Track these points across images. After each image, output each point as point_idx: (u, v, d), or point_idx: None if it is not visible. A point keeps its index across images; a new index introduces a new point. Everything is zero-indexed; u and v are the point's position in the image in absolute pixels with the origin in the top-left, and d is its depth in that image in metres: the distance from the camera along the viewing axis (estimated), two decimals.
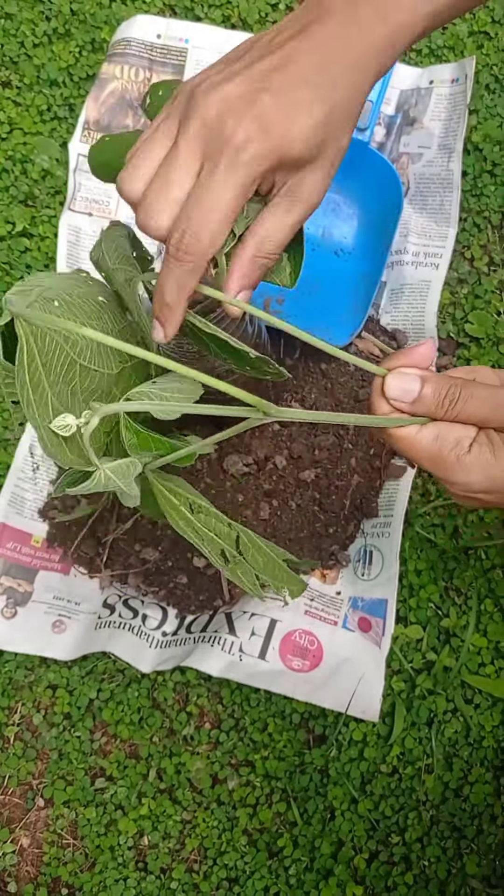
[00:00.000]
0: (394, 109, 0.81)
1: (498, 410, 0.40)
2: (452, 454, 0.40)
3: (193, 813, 0.72)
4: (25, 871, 0.72)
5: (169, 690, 0.73)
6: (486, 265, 0.80)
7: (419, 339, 0.77)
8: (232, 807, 0.72)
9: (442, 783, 0.71)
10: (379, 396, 0.41)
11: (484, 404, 0.40)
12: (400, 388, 0.40)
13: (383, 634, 0.70)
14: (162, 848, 0.71)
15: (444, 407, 0.40)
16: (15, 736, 0.74)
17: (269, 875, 0.70)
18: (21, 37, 0.84)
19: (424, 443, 0.41)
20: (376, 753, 0.71)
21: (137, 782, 0.72)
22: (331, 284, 0.80)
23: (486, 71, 0.82)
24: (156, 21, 0.80)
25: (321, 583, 0.75)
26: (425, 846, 0.70)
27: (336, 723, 0.71)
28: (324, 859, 0.70)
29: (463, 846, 0.70)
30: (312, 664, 0.70)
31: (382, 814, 0.71)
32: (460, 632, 0.72)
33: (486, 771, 0.71)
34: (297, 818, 0.71)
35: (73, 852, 0.72)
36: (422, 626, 0.72)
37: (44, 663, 0.74)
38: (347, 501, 0.74)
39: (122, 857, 0.71)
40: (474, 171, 0.81)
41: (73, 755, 0.73)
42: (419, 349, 0.41)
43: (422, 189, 0.79)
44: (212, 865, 0.71)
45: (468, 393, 0.40)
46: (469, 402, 0.40)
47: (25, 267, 0.81)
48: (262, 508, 0.74)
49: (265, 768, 0.71)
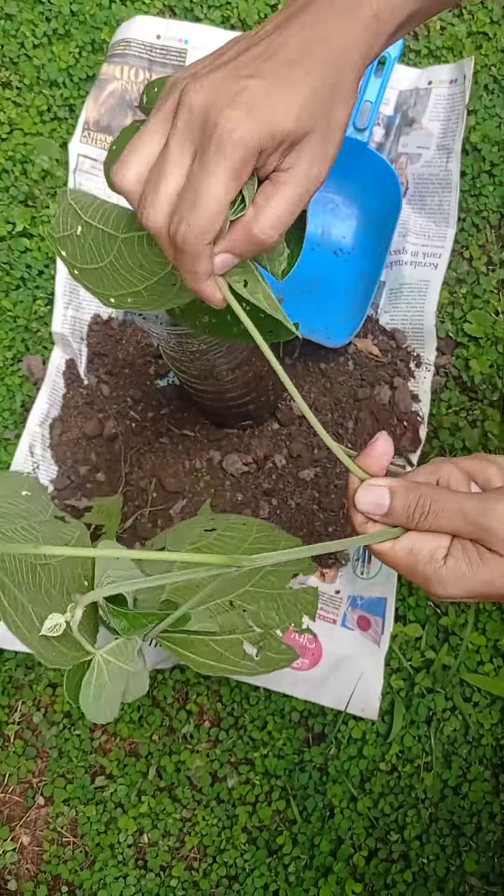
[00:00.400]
0: (392, 110, 0.81)
1: (469, 523, 0.39)
2: (429, 568, 0.40)
3: (193, 811, 0.72)
4: (25, 869, 0.72)
5: (168, 689, 0.74)
6: (485, 265, 0.80)
7: (418, 339, 0.77)
8: (231, 805, 0.72)
9: (441, 781, 0.71)
10: (354, 510, 0.42)
11: (455, 517, 0.39)
12: (371, 503, 0.41)
13: (382, 633, 0.70)
14: (162, 846, 0.72)
15: (415, 520, 0.40)
16: (15, 734, 0.74)
17: (269, 873, 0.70)
18: (21, 37, 0.84)
19: (400, 556, 0.40)
20: (375, 751, 0.71)
21: (137, 780, 0.73)
22: (330, 284, 0.81)
23: (484, 72, 0.82)
24: (155, 22, 0.81)
25: (320, 581, 0.75)
26: (424, 844, 0.70)
27: (335, 721, 0.71)
28: (323, 857, 0.70)
29: (462, 844, 0.70)
30: (312, 662, 0.70)
31: (381, 811, 0.71)
32: (459, 630, 0.72)
33: (484, 769, 0.71)
34: (296, 816, 0.71)
35: (73, 850, 0.72)
36: (421, 624, 0.73)
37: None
38: (347, 500, 0.75)
39: (121, 855, 0.72)
40: (473, 172, 0.81)
41: (73, 753, 0.73)
42: (377, 446, 0.41)
43: (420, 189, 0.79)
44: (211, 863, 0.71)
45: (438, 507, 0.40)
46: (440, 516, 0.40)
47: (25, 267, 0.81)
48: (262, 507, 0.74)
49: (264, 766, 0.72)
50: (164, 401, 0.79)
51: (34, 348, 0.81)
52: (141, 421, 0.78)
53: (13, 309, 0.81)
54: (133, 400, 0.79)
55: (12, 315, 0.81)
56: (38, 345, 0.81)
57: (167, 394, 0.79)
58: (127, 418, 0.78)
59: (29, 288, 0.81)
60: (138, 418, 0.78)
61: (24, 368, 0.80)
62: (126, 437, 0.78)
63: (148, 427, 0.78)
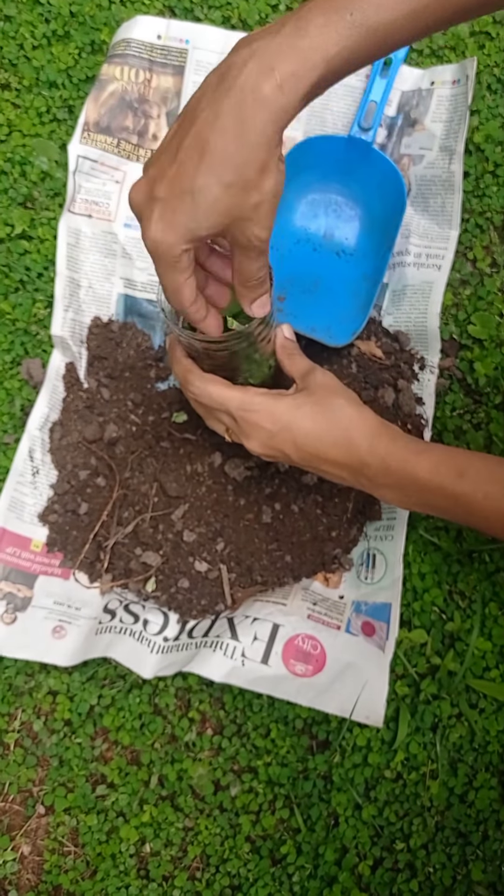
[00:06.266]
0: (395, 111, 0.80)
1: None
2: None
3: (195, 820, 0.71)
4: (26, 879, 0.71)
5: (170, 696, 0.73)
6: (489, 266, 0.79)
7: (422, 341, 0.77)
8: (234, 813, 0.71)
9: (447, 789, 0.70)
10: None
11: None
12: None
13: (387, 639, 0.69)
14: (164, 855, 0.71)
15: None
16: (15, 743, 0.73)
17: (273, 882, 0.70)
18: (20, 39, 0.84)
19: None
20: (380, 759, 0.70)
21: (139, 789, 0.72)
22: (332, 285, 0.80)
23: (487, 72, 0.82)
24: (156, 22, 0.80)
25: (324, 587, 0.74)
26: (430, 853, 0.69)
27: (339, 728, 0.70)
28: (328, 866, 0.69)
29: (468, 852, 0.69)
30: (315, 669, 0.69)
31: (387, 820, 0.70)
32: (465, 636, 0.71)
33: (491, 776, 0.70)
34: (300, 825, 0.70)
35: (74, 860, 0.71)
36: (426, 630, 0.72)
37: (44, 669, 0.74)
38: (350, 504, 0.74)
39: (123, 865, 0.71)
40: (476, 172, 0.80)
41: (74, 762, 0.72)
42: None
43: (423, 191, 0.78)
44: (214, 873, 0.70)
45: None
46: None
47: (24, 269, 0.80)
48: (265, 512, 0.74)
49: (268, 774, 0.71)
50: (164, 404, 0.78)
51: (33, 351, 0.80)
52: (141, 425, 0.77)
53: (12, 312, 0.80)
54: (133, 403, 0.78)
55: (11, 318, 0.80)
56: (37, 348, 0.80)
57: (168, 397, 0.78)
58: (127, 422, 0.77)
59: (28, 290, 0.81)
60: (139, 422, 0.78)
61: (23, 372, 0.79)
62: (126, 440, 0.77)
63: (149, 431, 0.77)
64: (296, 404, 0.58)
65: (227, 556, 0.74)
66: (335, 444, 0.58)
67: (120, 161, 0.80)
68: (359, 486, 0.61)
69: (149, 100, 0.81)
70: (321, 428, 0.58)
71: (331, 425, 0.58)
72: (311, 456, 0.59)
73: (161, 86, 0.81)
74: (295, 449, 0.58)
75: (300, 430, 0.58)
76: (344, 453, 0.58)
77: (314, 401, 0.58)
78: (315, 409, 0.58)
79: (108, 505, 0.75)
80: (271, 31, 0.43)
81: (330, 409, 0.58)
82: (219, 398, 0.59)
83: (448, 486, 0.55)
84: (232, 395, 0.59)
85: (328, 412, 0.58)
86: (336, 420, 0.58)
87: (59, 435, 0.77)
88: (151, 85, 0.80)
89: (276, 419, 0.58)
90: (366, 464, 0.58)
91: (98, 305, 0.80)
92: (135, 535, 0.74)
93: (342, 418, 0.58)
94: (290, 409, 0.58)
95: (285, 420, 0.58)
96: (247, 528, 0.74)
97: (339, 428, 0.58)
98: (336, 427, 0.58)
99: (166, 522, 0.74)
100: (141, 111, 0.81)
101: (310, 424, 0.58)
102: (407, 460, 0.57)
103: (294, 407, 0.58)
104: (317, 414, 0.58)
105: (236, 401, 0.58)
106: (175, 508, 0.74)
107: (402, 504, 0.62)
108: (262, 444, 0.59)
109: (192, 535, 0.74)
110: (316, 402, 0.58)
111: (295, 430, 0.58)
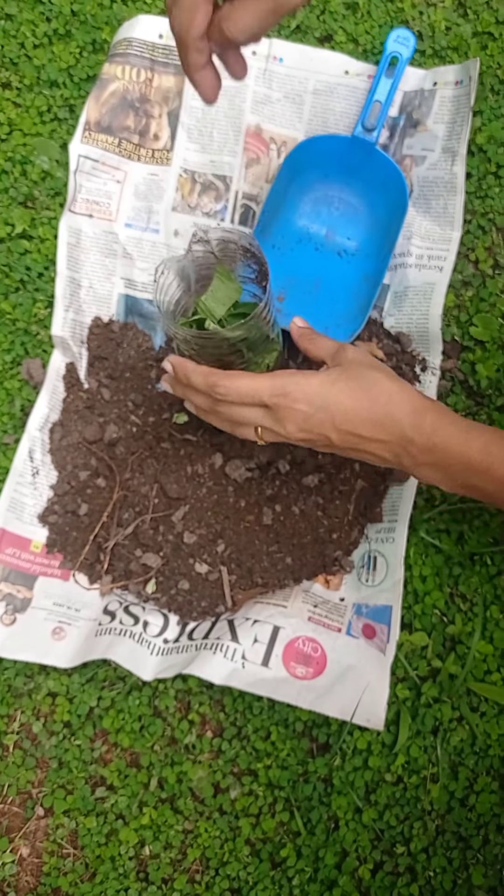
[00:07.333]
0: (397, 111, 0.80)
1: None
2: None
3: (195, 822, 0.71)
4: (25, 882, 0.71)
5: (170, 698, 0.72)
6: (491, 268, 0.79)
7: (423, 343, 0.76)
8: (234, 816, 0.71)
9: (447, 792, 0.70)
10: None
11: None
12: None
13: (388, 641, 0.69)
14: (163, 858, 0.70)
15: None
16: (14, 744, 0.73)
17: (273, 886, 0.69)
18: (21, 38, 0.83)
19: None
20: (381, 762, 0.70)
21: (138, 791, 0.71)
22: (332, 285, 0.80)
23: (490, 73, 0.81)
24: (157, 21, 0.80)
25: (325, 589, 0.74)
26: (431, 856, 0.69)
27: (340, 731, 0.70)
28: (328, 870, 0.69)
29: (469, 856, 0.69)
30: (316, 671, 0.69)
31: (387, 823, 0.70)
32: (466, 639, 0.71)
33: (492, 780, 0.70)
34: (300, 828, 0.70)
35: (73, 862, 0.71)
36: (427, 632, 0.72)
37: (43, 671, 0.73)
38: (351, 506, 0.74)
39: (122, 868, 0.70)
40: (479, 173, 0.80)
41: (74, 764, 0.72)
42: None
43: (425, 192, 0.78)
44: (214, 876, 0.70)
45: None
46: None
47: (25, 269, 0.80)
48: (265, 514, 0.73)
49: (268, 777, 0.71)
50: (165, 405, 0.78)
51: (34, 352, 0.80)
52: (142, 425, 0.77)
53: (12, 312, 0.80)
54: (134, 404, 0.78)
55: (11, 318, 0.80)
56: (37, 348, 0.80)
57: (169, 398, 0.78)
58: (128, 423, 0.77)
59: (28, 290, 0.80)
60: (139, 423, 0.77)
61: (23, 372, 0.79)
62: (127, 441, 0.77)
63: (149, 432, 0.77)
64: (330, 380, 0.55)
65: (228, 557, 0.73)
66: (375, 420, 0.54)
67: (121, 161, 0.80)
68: (399, 465, 0.57)
69: (150, 99, 0.80)
70: (360, 404, 0.54)
71: (370, 401, 0.54)
72: (350, 435, 0.55)
73: (162, 85, 0.80)
74: (334, 429, 0.55)
75: (338, 409, 0.54)
76: (386, 430, 0.54)
77: (349, 376, 0.55)
78: (351, 385, 0.54)
79: (109, 506, 0.75)
80: None
81: (367, 384, 0.55)
82: (248, 389, 0.55)
83: (498, 468, 0.52)
84: (261, 382, 0.55)
85: (366, 387, 0.54)
86: (375, 395, 0.54)
87: (60, 435, 0.77)
88: (153, 84, 0.80)
89: (311, 399, 0.54)
90: (409, 440, 0.54)
91: (98, 305, 0.80)
92: (135, 536, 0.74)
93: (381, 393, 0.54)
94: (325, 386, 0.54)
95: (321, 399, 0.54)
96: (247, 530, 0.74)
97: (378, 403, 0.54)
98: (375, 403, 0.54)
99: (167, 524, 0.74)
100: (142, 111, 0.80)
101: (347, 401, 0.54)
102: (455, 438, 0.53)
103: (329, 383, 0.54)
104: (354, 390, 0.54)
105: (266, 386, 0.55)
106: (175, 510, 0.74)
107: (443, 484, 0.57)
108: (298, 427, 0.55)
109: (193, 537, 0.73)
110: (351, 378, 0.55)
111: (333, 409, 0.54)
